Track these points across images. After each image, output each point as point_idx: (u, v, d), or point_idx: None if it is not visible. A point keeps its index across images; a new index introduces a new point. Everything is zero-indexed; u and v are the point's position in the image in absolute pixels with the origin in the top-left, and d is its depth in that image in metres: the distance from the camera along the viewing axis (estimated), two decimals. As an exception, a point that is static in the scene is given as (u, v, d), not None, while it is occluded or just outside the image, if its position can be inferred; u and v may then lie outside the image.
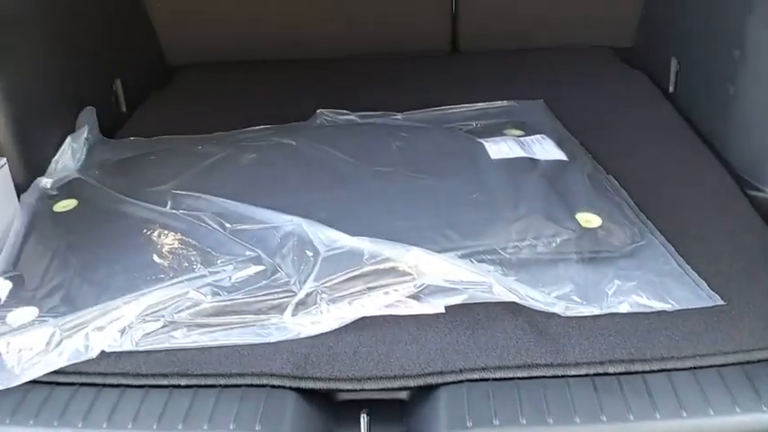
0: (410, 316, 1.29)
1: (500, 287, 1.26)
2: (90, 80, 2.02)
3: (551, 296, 1.28)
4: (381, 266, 1.29)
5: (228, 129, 1.95)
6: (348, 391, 1.19)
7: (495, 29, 2.44)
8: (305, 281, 1.29)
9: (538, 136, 1.77)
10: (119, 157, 1.84)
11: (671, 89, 2.05)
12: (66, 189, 1.68)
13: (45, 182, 1.70)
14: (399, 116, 1.98)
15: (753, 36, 1.60)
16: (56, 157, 1.77)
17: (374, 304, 1.26)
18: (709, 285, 1.31)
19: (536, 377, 1.17)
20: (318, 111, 1.99)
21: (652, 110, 2.01)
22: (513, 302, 1.28)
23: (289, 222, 1.42)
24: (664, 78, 2.09)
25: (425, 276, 1.28)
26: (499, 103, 2.03)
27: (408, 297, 1.28)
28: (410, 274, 1.29)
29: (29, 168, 1.68)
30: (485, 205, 1.48)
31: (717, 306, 1.26)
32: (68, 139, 1.82)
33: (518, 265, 1.34)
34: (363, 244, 1.32)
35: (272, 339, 1.24)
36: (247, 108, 2.10)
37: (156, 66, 2.48)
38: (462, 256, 1.33)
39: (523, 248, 1.36)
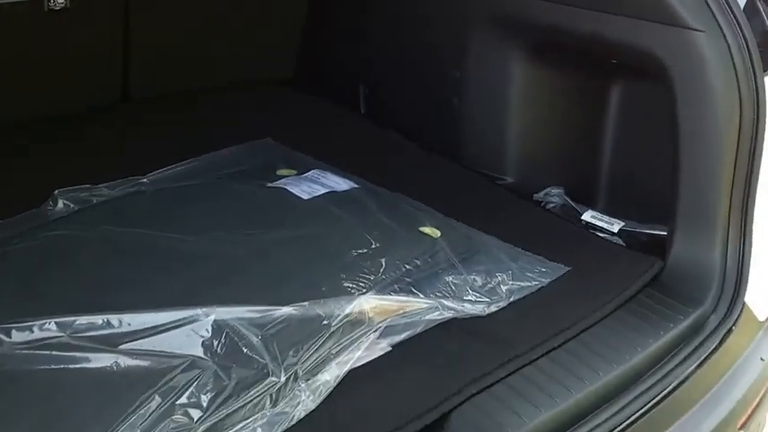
0: (364, 365, 1.29)
1: (446, 306, 1.36)
2: None
3: (465, 305, 1.42)
4: (342, 323, 1.26)
5: None
6: None
7: (165, 73, 2.32)
8: (277, 366, 1.18)
9: (316, 170, 1.83)
10: None
11: (363, 110, 2.30)
12: None
13: None
14: (145, 179, 1.81)
15: (471, 58, 1.94)
16: None
17: (351, 360, 1.23)
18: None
19: (503, 378, 1.30)
20: (57, 191, 1.69)
21: (356, 129, 2.22)
22: (440, 323, 1.38)
23: (194, 315, 1.25)
24: (348, 101, 2.32)
25: (380, 318, 1.30)
26: (232, 148, 1.99)
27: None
28: (365, 322, 1.28)
29: None
30: (350, 244, 1.51)
31: (567, 271, 1.57)
32: None
33: (423, 285, 1.43)
34: (305, 309, 1.26)
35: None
36: None
37: None
38: (378, 292, 1.37)
39: (414, 270, 1.46)
